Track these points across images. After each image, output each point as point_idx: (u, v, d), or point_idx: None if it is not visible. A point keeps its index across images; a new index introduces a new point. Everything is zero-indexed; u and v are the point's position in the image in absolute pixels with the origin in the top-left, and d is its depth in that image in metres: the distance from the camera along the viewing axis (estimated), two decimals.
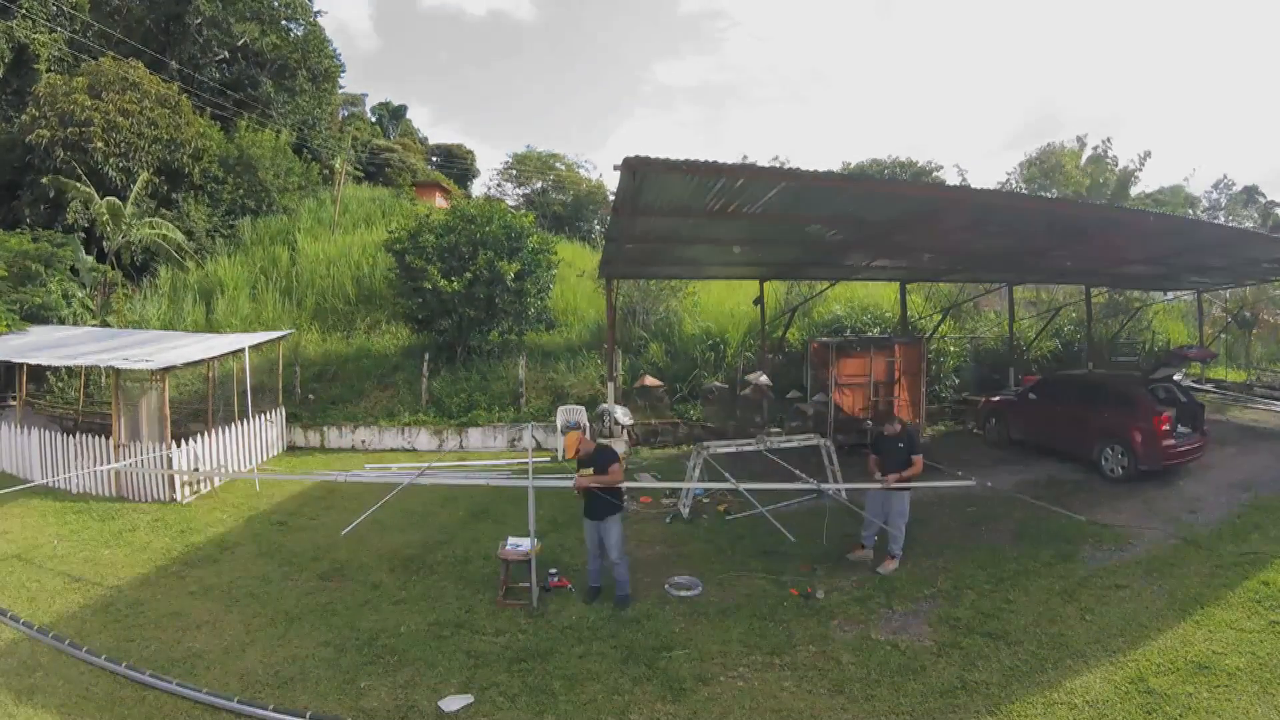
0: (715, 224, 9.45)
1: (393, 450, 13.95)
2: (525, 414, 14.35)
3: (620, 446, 11.65)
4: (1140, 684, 4.91)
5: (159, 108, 20.44)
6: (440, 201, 30.21)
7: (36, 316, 15.00)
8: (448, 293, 14.76)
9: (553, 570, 7.03)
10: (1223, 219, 29.43)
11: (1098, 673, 5.08)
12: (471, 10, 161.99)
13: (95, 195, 17.54)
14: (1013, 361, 16.62)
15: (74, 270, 16.80)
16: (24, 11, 20.11)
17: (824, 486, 7.60)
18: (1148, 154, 21.88)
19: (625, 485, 9.90)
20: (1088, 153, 23.04)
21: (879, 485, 7.14)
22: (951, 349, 17.14)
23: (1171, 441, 9.84)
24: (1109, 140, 22.70)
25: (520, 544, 6.68)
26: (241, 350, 12.93)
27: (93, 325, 15.74)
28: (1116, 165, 21.73)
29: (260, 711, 4.73)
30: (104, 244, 17.66)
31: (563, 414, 13.68)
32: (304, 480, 11.00)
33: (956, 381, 16.63)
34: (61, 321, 15.37)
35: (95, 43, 22.45)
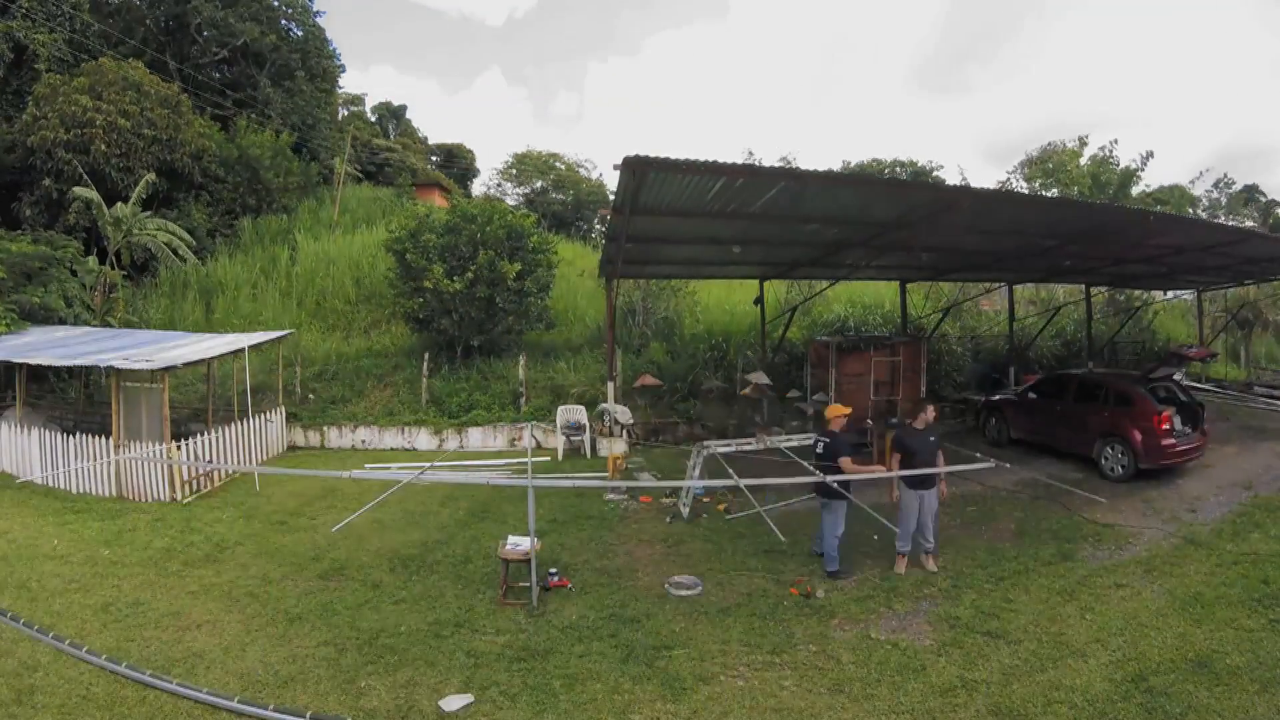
0: (715, 223, 9.45)
1: (392, 450, 13.95)
2: (525, 413, 14.36)
3: (620, 446, 11.67)
4: (1140, 682, 4.91)
5: (159, 108, 20.44)
6: (440, 201, 30.22)
7: (36, 316, 14.99)
8: (449, 292, 14.76)
9: (553, 570, 7.03)
10: (1223, 218, 29.39)
11: (1098, 671, 5.08)
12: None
13: (97, 196, 17.54)
14: (1013, 360, 16.62)
15: (74, 271, 16.80)
16: (24, 11, 20.10)
17: (829, 478, 7.58)
18: (1150, 154, 21.87)
19: (625, 484, 9.96)
20: (1090, 151, 23.03)
21: (883, 476, 7.19)
22: (956, 349, 17.15)
23: (1172, 440, 9.84)
24: (1115, 141, 22.69)
25: (520, 543, 6.68)
26: (241, 350, 12.92)
27: (93, 325, 15.74)
28: (1119, 165, 21.73)
29: (260, 711, 4.72)
30: (105, 244, 17.66)
31: (563, 413, 13.70)
32: (304, 479, 11.00)
33: (959, 380, 16.64)
34: (62, 321, 15.37)
35: (95, 43, 22.44)
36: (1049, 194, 20.63)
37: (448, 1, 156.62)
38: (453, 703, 4.84)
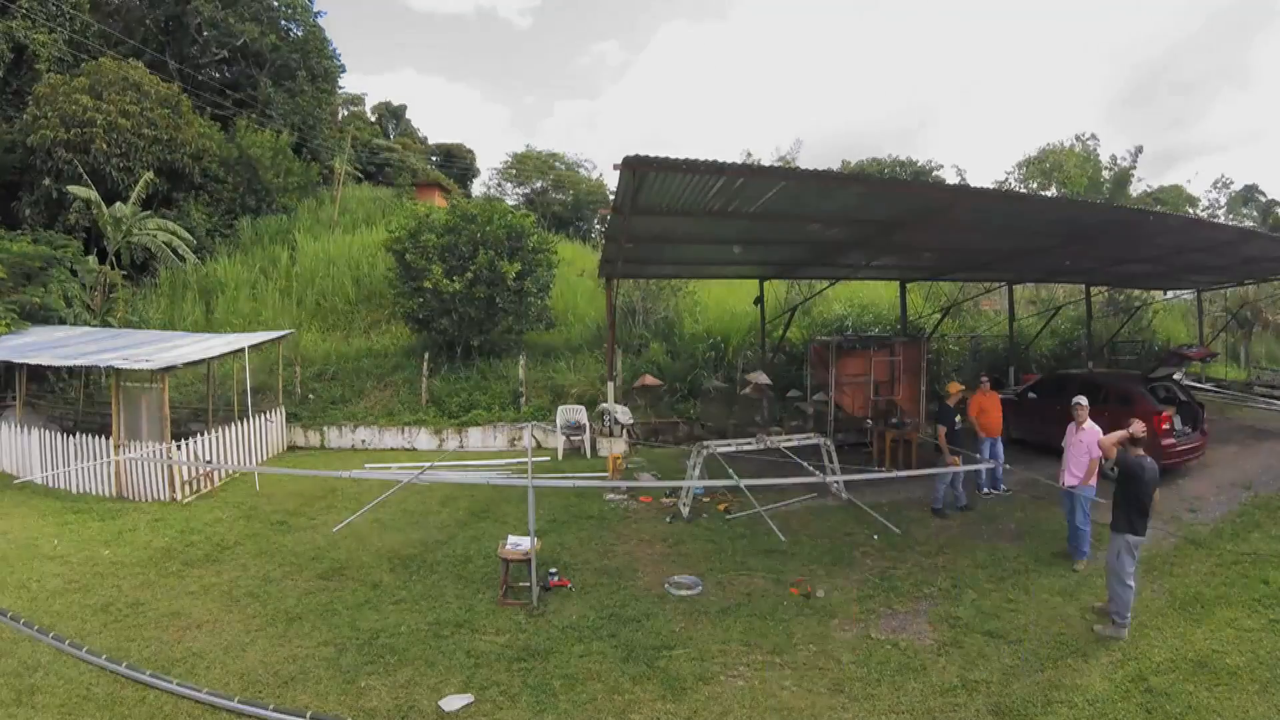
0: (715, 223, 9.45)
1: (393, 450, 13.94)
2: (525, 413, 14.35)
3: (620, 446, 11.67)
4: (1141, 682, 4.91)
5: (159, 108, 20.43)
6: (440, 201, 30.20)
7: (36, 316, 14.99)
8: (448, 292, 14.76)
9: (553, 569, 7.03)
10: (1223, 218, 29.39)
11: (1098, 671, 5.08)
12: None
13: (96, 196, 17.54)
14: (1013, 360, 16.61)
15: (74, 271, 16.81)
16: (24, 11, 20.10)
17: (828, 479, 7.61)
18: (1139, 149, 21.85)
19: (625, 484, 9.97)
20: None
21: (882, 476, 7.27)
22: (953, 348, 17.14)
23: (1172, 440, 9.84)
24: (1094, 137, 22.72)
25: (520, 543, 6.68)
26: (241, 350, 12.93)
27: (93, 325, 15.73)
28: (1115, 164, 21.76)
29: (260, 711, 4.72)
30: (105, 244, 17.67)
31: (563, 413, 13.70)
32: (304, 479, 10.99)
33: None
34: (62, 321, 15.37)
35: (95, 43, 22.43)
36: (1047, 194, 20.64)
37: (445, 3, 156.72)
38: (453, 703, 4.84)
